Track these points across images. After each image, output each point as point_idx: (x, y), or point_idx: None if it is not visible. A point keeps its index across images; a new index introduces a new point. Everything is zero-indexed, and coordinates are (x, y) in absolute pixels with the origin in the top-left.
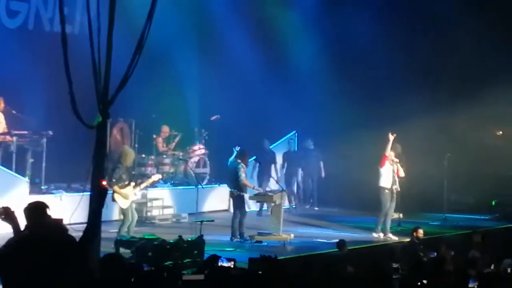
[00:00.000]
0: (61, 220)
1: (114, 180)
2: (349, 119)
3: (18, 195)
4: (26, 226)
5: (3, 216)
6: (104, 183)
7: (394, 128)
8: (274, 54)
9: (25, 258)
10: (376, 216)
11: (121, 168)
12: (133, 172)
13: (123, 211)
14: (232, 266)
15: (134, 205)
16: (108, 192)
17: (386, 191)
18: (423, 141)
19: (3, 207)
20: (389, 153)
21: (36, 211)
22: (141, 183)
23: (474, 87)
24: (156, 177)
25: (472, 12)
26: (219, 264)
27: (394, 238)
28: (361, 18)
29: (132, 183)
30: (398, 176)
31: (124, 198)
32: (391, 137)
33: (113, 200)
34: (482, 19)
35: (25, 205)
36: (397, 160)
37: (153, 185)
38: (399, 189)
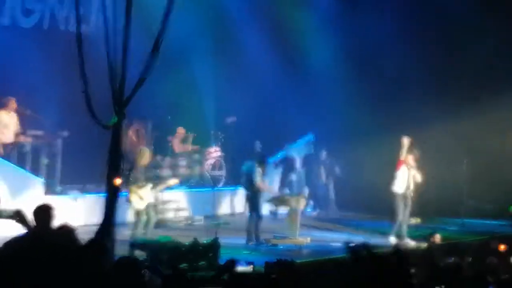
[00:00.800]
0: (65, 225)
1: (131, 181)
2: (366, 122)
3: (33, 196)
4: (35, 227)
5: (17, 218)
6: (118, 180)
7: (411, 131)
8: (290, 56)
9: (23, 259)
10: (392, 221)
11: (137, 168)
12: (149, 174)
13: (138, 212)
14: (251, 270)
15: (151, 207)
16: (123, 192)
17: (399, 195)
18: (441, 146)
19: (15, 210)
20: (406, 157)
21: (40, 213)
22: (158, 185)
23: (494, 90)
24: (173, 181)
25: (490, 13)
26: (238, 268)
27: (411, 243)
28: (378, 19)
29: (150, 185)
30: (415, 182)
31: (140, 199)
32: (407, 141)
33: (129, 201)
34: (500, 21)
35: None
36: (414, 165)
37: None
38: (412, 194)
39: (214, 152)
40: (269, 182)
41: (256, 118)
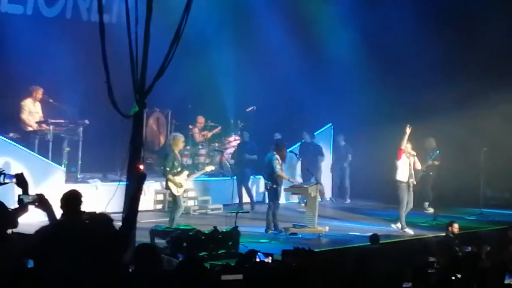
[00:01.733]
0: (94, 213)
1: (167, 169)
2: (384, 112)
3: (54, 184)
4: (62, 215)
5: (36, 203)
6: (141, 167)
7: (428, 122)
8: (310, 46)
9: (60, 246)
10: (396, 209)
11: (172, 155)
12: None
13: (175, 199)
14: (270, 261)
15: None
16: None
17: (403, 184)
18: (459, 136)
19: (37, 194)
20: (406, 146)
21: (71, 200)
22: (195, 172)
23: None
24: (209, 168)
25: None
26: (257, 259)
27: (410, 232)
28: (398, 10)
29: (186, 172)
30: (415, 169)
31: (176, 186)
32: (408, 130)
33: (167, 188)
34: None
35: (61, 193)
36: (414, 153)
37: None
38: (415, 183)
39: (234, 141)
40: (289, 171)
41: (276, 107)
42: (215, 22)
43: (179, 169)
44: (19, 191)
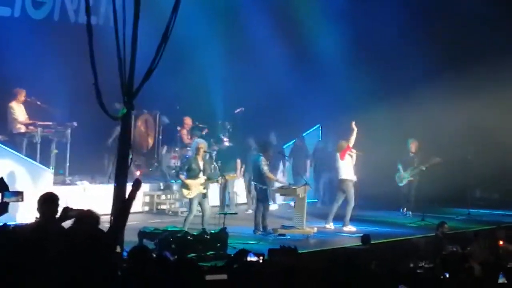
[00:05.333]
0: (89, 211)
1: (180, 170)
2: (373, 115)
3: (42, 186)
4: (38, 217)
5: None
6: (138, 173)
7: (418, 126)
8: (298, 47)
9: (37, 249)
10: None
11: (191, 158)
12: (157, 165)
13: (190, 201)
14: (260, 261)
15: (206, 199)
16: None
17: (350, 183)
18: (448, 135)
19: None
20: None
21: (48, 202)
22: (212, 180)
23: (504, 81)
24: (231, 177)
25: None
26: (248, 259)
27: (352, 228)
28: (387, 10)
29: (203, 177)
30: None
31: (187, 189)
32: (355, 127)
33: (181, 191)
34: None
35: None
36: (354, 151)
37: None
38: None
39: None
40: (277, 172)
41: (264, 108)
42: (203, 23)
43: (196, 173)
44: None
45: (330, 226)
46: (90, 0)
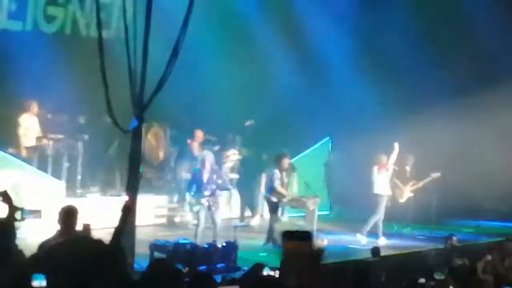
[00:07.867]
0: (88, 225)
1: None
2: (379, 124)
3: (54, 199)
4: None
5: (1, 198)
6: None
7: (428, 134)
8: (308, 58)
9: (66, 260)
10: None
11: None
12: (168, 177)
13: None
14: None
15: (217, 211)
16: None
17: (384, 197)
18: (456, 147)
19: (1, 191)
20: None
21: (69, 215)
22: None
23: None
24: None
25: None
26: (264, 273)
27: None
28: (395, 18)
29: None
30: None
31: None
32: (397, 148)
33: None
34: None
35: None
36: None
37: None
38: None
39: (232, 155)
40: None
41: (274, 121)
42: (213, 35)
43: None
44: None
45: (362, 238)
46: (102, 14)
